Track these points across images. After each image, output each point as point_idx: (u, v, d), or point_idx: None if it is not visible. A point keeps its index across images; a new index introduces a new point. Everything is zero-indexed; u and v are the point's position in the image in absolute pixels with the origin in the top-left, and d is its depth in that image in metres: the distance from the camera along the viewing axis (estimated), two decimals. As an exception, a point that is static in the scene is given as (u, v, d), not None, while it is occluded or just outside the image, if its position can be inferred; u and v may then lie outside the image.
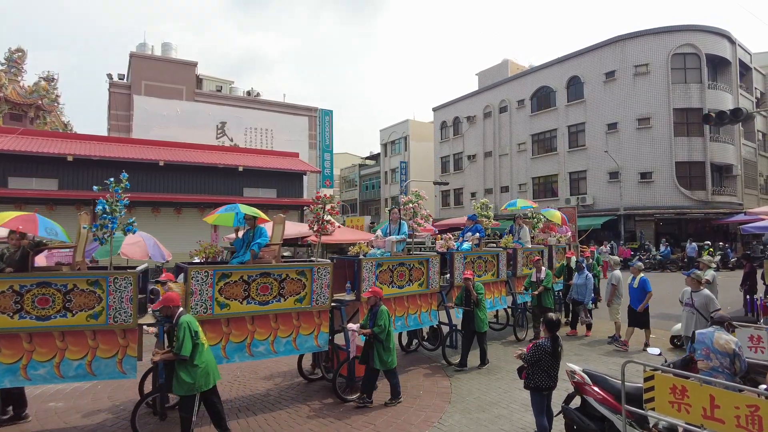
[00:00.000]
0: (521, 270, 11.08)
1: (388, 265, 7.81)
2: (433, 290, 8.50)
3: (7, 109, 30.09)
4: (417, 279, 8.23)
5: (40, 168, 22.60)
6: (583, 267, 10.77)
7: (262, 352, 6.38)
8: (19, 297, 5.22)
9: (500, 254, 10.25)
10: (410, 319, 8.19)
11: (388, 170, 54.12)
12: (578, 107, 34.17)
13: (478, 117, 42.99)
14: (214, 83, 44.06)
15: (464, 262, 9.34)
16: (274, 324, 6.48)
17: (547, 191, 36.52)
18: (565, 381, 5.48)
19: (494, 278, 10.11)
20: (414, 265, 8.20)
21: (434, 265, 8.49)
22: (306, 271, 6.70)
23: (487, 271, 9.95)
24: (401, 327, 8.17)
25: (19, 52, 32.65)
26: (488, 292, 9.75)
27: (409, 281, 8.09)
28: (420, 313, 8.34)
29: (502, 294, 10.45)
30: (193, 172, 25.64)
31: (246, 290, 6.21)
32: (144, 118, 36.62)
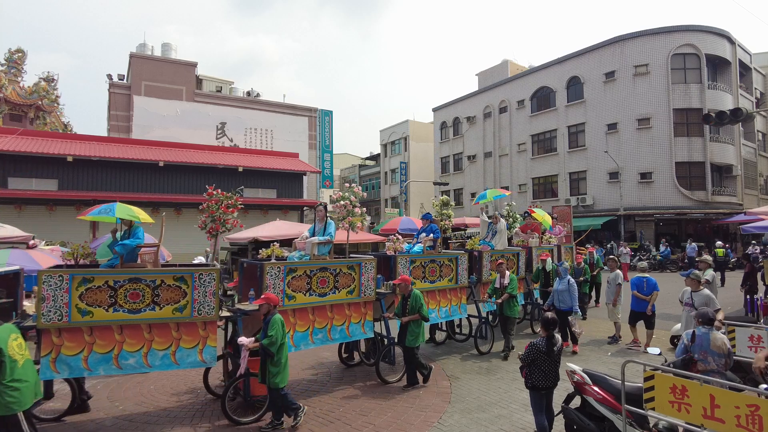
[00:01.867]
0: (489, 275, 10.03)
1: (305, 270, 6.92)
2: (368, 298, 7.59)
3: (7, 110, 30.10)
4: (345, 286, 7.32)
5: (40, 168, 22.61)
6: (561, 273, 9.60)
7: (132, 365, 5.68)
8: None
9: (459, 257, 9.29)
10: (335, 331, 7.23)
11: (388, 171, 54.13)
12: (578, 107, 34.18)
13: (478, 117, 43.01)
14: (213, 84, 44.05)
15: (410, 267, 8.41)
16: (147, 335, 5.77)
17: (547, 192, 36.53)
18: (565, 381, 5.48)
19: (452, 284, 9.12)
20: (341, 270, 7.31)
21: (369, 270, 7.60)
22: (186, 277, 5.95)
23: (443, 276, 8.97)
24: (321, 340, 7.09)
25: (19, 52, 32.68)
26: (444, 300, 9.00)
27: (334, 288, 7.20)
28: (349, 324, 7.41)
29: (462, 302, 9.40)
30: (193, 173, 25.65)
31: (113, 297, 5.61)
32: (144, 119, 36.63)
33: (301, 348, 6.85)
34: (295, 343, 6.73)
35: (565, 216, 16.16)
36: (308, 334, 6.92)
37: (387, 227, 20.68)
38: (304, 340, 6.88)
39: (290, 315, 6.72)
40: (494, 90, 41.75)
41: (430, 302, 8.50)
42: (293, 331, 6.74)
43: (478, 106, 43.01)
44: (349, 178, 62.10)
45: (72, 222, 22.86)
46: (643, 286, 9.51)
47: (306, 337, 6.89)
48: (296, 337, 6.77)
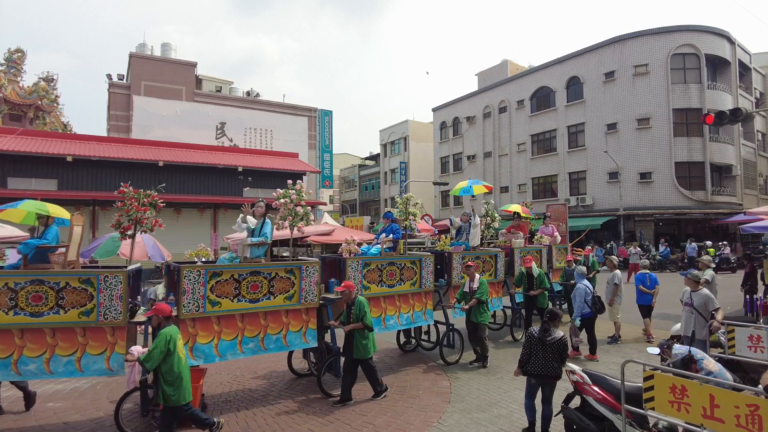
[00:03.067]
0: (461, 278, 9.23)
1: (232, 275, 6.37)
2: (310, 305, 6.94)
3: (7, 110, 30.08)
4: (282, 291, 6.71)
5: (40, 168, 22.58)
6: (575, 277, 9.40)
7: (33, 371, 5.45)
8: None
9: (424, 259, 8.54)
10: (270, 340, 6.61)
11: (387, 170, 54.15)
12: (578, 107, 34.19)
13: (477, 117, 43.01)
14: (213, 84, 44.04)
15: (363, 270, 7.74)
16: (50, 339, 5.49)
17: (546, 192, 36.54)
18: (565, 381, 5.47)
19: (415, 288, 8.41)
20: (278, 274, 6.70)
21: (312, 274, 6.98)
22: (92, 279, 5.59)
23: (404, 280, 8.28)
24: (252, 350, 6.50)
25: (18, 52, 32.65)
26: (406, 305, 8.31)
27: (269, 294, 6.60)
28: (287, 333, 6.77)
29: (428, 307, 8.63)
30: (193, 173, 25.64)
31: (13, 299, 5.35)
32: (143, 119, 36.61)
33: (227, 358, 6.33)
34: (221, 352, 6.21)
35: (560, 215, 15.29)
36: (236, 342, 6.35)
37: (386, 227, 20.67)
38: (231, 349, 6.30)
39: (214, 323, 6.20)
40: (494, 90, 41.76)
41: (388, 308, 7.97)
42: (218, 339, 6.22)
43: (478, 106, 43.02)
44: (350, 178, 62.10)
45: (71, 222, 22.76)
46: (647, 282, 10.43)
47: (234, 346, 6.33)
48: (221, 346, 6.23)
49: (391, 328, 8.18)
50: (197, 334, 6.08)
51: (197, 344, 6.06)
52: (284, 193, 7.26)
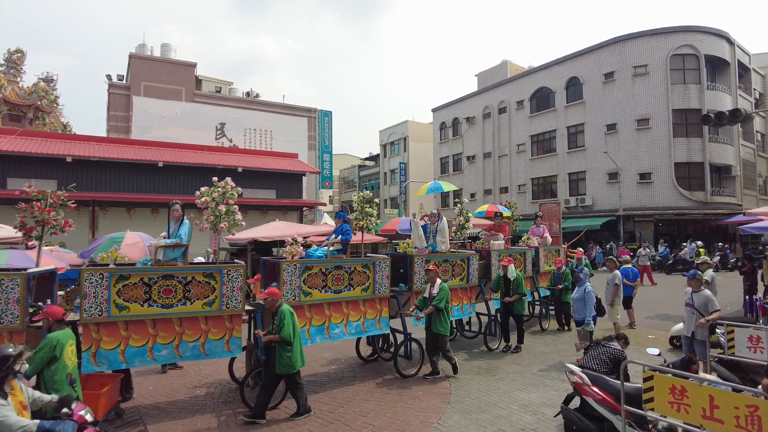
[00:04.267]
0: (419, 284, 8.51)
1: (142, 278, 5.97)
2: (234, 311, 6.44)
3: (6, 110, 30.09)
4: (201, 296, 6.24)
5: (39, 169, 22.57)
6: (581, 278, 8.92)
7: None
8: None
9: (378, 262, 7.90)
10: (185, 347, 6.17)
11: (387, 171, 54.16)
12: (577, 108, 34.21)
13: (477, 118, 43.04)
14: (213, 84, 44.04)
15: (302, 275, 7.12)
16: None
17: (546, 192, 36.56)
18: (565, 381, 5.49)
19: (367, 294, 7.77)
20: (195, 278, 6.24)
21: (234, 279, 6.44)
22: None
23: (354, 285, 7.64)
24: (166, 358, 6.13)
25: (18, 53, 32.65)
26: (356, 312, 7.68)
27: (184, 300, 6.16)
28: (205, 341, 6.30)
29: (383, 315, 7.98)
30: (193, 173, 25.62)
31: None
32: (143, 119, 36.61)
33: (136, 365, 6.04)
34: (128, 358, 5.88)
35: (553, 214, 14.37)
36: (147, 349, 5.97)
37: (386, 228, 20.67)
38: (140, 356, 5.95)
39: (121, 328, 5.87)
40: (493, 90, 41.78)
41: (333, 315, 7.41)
42: (125, 345, 5.89)
43: (478, 107, 43.05)
44: (349, 179, 62.11)
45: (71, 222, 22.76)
46: (630, 275, 11.53)
47: (144, 353, 5.96)
48: (129, 352, 5.88)
49: (337, 337, 7.52)
50: (101, 339, 5.74)
51: (101, 350, 5.72)
52: (207, 191, 6.73)
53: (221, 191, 6.71)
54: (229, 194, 6.80)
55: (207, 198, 6.66)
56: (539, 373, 8.05)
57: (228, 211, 6.73)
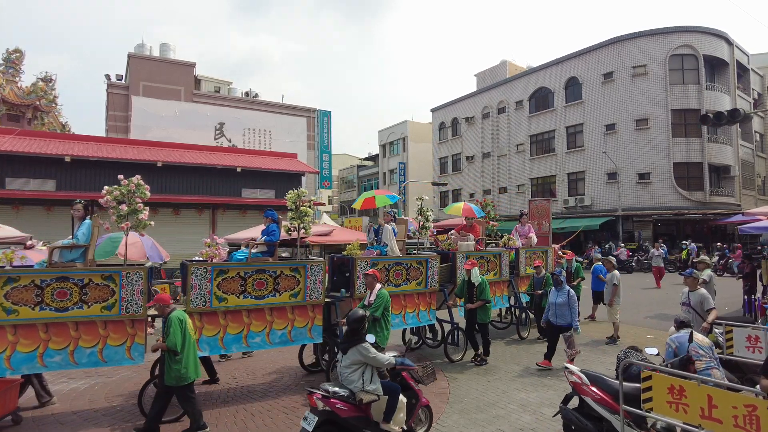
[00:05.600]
0: (362, 289, 7.70)
1: (33, 280, 5.69)
2: (135, 316, 6.07)
3: (5, 110, 30.04)
4: (99, 299, 5.92)
5: (38, 168, 22.53)
6: (561, 282, 8.54)
7: None
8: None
9: (310, 266, 7.28)
10: (81, 353, 5.88)
11: (386, 171, 54.17)
12: (576, 108, 34.24)
13: (476, 118, 43.06)
14: (212, 84, 44.02)
15: (214, 279, 6.58)
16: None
17: (545, 192, 36.58)
18: (563, 381, 5.49)
19: (296, 301, 7.21)
20: (92, 280, 5.91)
21: (134, 282, 6.08)
22: None
23: (281, 290, 7.06)
24: (59, 365, 5.82)
25: (17, 52, 32.59)
26: (282, 320, 7.10)
27: (80, 303, 5.84)
28: (104, 347, 5.96)
29: (315, 323, 7.41)
30: (192, 173, 25.60)
31: None
32: (142, 119, 36.58)
33: (24, 371, 5.77)
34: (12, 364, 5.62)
35: (543, 213, 13.44)
36: (36, 355, 5.70)
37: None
38: (29, 362, 5.69)
39: (9, 332, 5.61)
40: (493, 90, 41.81)
41: (254, 323, 6.84)
42: (11, 350, 5.63)
43: (477, 107, 43.07)
44: (348, 179, 62.07)
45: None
46: (603, 271, 11.50)
47: (33, 358, 5.70)
48: (15, 358, 5.65)
49: (257, 346, 7.01)
50: None
51: None
52: (109, 190, 6.41)
53: (124, 190, 6.41)
54: (141, 192, 6.56)
55: (109, 197, 6.36)
56: (538, 373, 8.06)
57: (132, 211, 6.43)
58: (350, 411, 4.85)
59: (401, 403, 5.21)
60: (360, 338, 5.12)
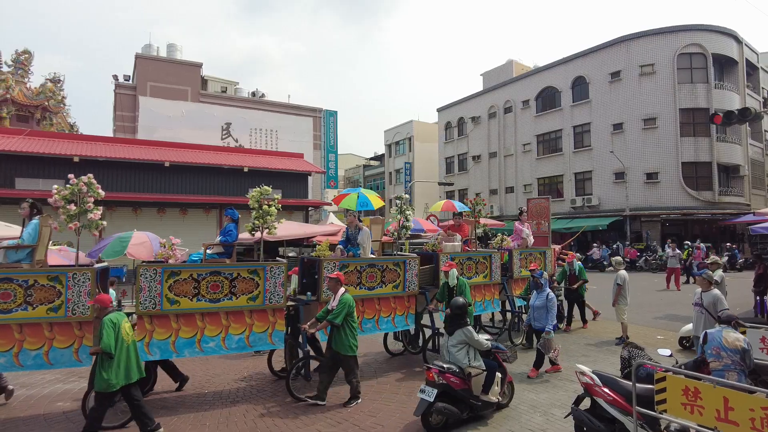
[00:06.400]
0: (328, 292, 7.13)
1: None
2: (82, 318, 5.98)
3: (14, 111, 30.25)
4: (44, 301, 5.85)
5: (47, 169, 22.68)
6: (542, 284, 8.23)
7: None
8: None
9: (270, 268, 6.93)
10: (26, 355, 5.83)
11: (392, 171, 54.14)
12: (583, 107, 34.07)
13: (482, 117, 42.96)
14: (219, 84, 44.16)
15: (165, 281, 6.34)
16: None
17: (552, 192, 36.43)
18: (575, 382, 5.45)
19: (254, 304, 6.83)
20: (36, 282, 5.85)
21: (82, 285, 5.99)
22: None
23: (238, 293, 6.74)
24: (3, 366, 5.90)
25: (25, 54, 32.81)
26: (239, 324, 6.76)
27: (25, 304, 5.79)
28: (48, 350, 5.91)
29: (277, 328, 7.04)
30: (199, 173, 25.70)
31: None
32: (149, 119, 36.73)
33: None
34: None
35: (542, 211, 12.63)
36: None
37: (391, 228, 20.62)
38: None
39: None
40: (499, 90, 41.69)
41: (208, 327, 6.56)
42: None
43: (483, 106, 42.97)
44: (354, 178, 62.09)
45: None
46: None
47: None
48: None
49: (212, 351, 6.68)
50: None
51: None
52: (57, 190, 6.38)
53: (75, 189, 6.32)
54: (93, 192, 6.49)
55: (57, 197, 6.29)
56: (547, 374, 8.00)
57: (81, 211, 6.38)
58: (460, 384, 5.78)
59: (497, 377, 6.14)
60: (464, 322, 6.07)
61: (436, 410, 5.57)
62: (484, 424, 6.02)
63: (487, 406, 6.02)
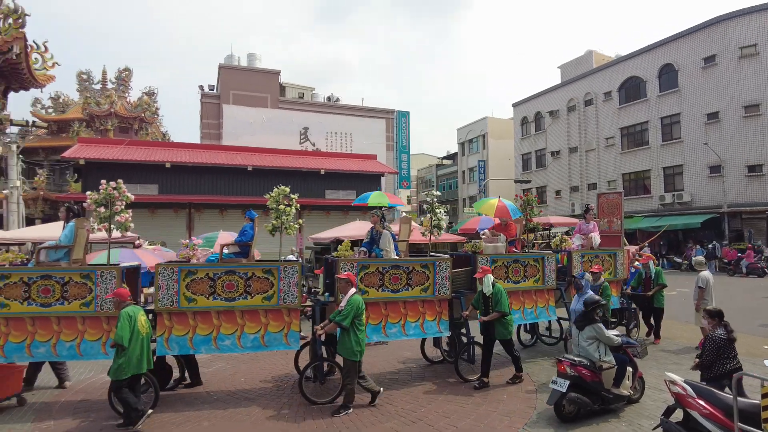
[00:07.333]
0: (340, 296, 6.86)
1: (22, 278, 6.38)
2: (109, 313, 6.49)
3: (117, 123, 33.28)
4: (78, 297, 6.45)
5: (144, 174, 24.71)
6: (582, 286, 7.55)
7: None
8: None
9: (282, 268, 6.97)
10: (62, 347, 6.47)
11: (465, 169, 53.39)
12: (672, 97, 31.68)
13: (561, 111, 41.23)
14: (296, 90, 45.85)
15: (181, 280, 6.68)
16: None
17: (638, 188, 34.23)
18: (660, 391, 5.10)
19: (268, 304, 6.91)
20: (71, 279, 6.47)
21: (109, 282, 6.50)
22: None
23: (252, 293, 6.85)
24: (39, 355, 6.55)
25: (126, 71, 36.01)
26: (254, 323, 6.88)
27: (62, 299, 6.44)
28: (80, 342, 6.50)
29: (292, 328, 7.04)
30: (279, 176, 26.75)
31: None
32: (233, 126, 38.88)
33: None
34: None
35: (614, 208, 10.94)
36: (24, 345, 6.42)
37: (466, 227, 20.41)
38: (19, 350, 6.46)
39: (2, 324, 6.40)
40: (578, 82, 39.81)
41: (224, 325, 6.75)
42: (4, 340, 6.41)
43: (562, 100, 41.23)
44: (427, 178, 61.90)
45: (171, 223, 24.70)
46: None
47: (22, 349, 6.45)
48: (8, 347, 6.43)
49: (227, 349, 6.81)
50: None
51: None
52: (91, 195, 6.85)
53: (104, 194, 6.75)
54: (123, 197, 6.89)
55: (90, 201, 6.79)
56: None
57: (111, 213, 6.79)
58: (592, 376, 6.04)
59: (628, 372, 6.33)
60: (595, 319, 6.33)
61: (568, 400, 5.91)
62: (615, 416, 6.09)
63: (618, 399, 6.23)
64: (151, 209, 24.43)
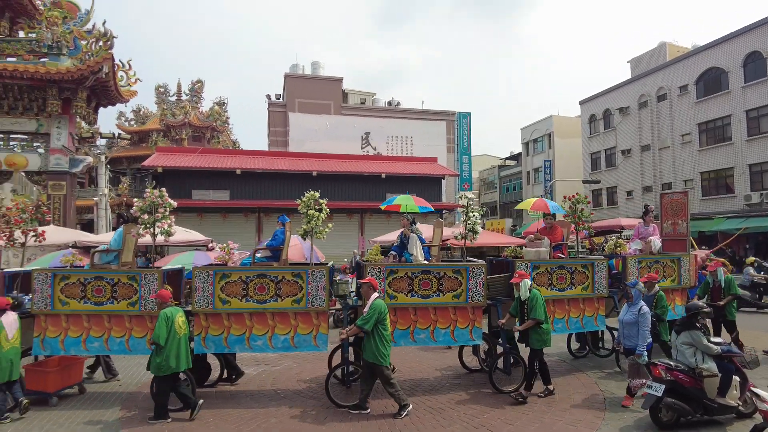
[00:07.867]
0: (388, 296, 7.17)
1: (79, 279, 7.08)
2: (152, 312, 7.00)
3: (191, 132, 35.42)
4: (125, 297, 7.07)
5: (216, 181, 26.09)
6: (632, 295, 6.95)
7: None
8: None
9: (311, 272, 7.08)
10: (113, 342, 7.15)
11: (530, 170, 51.99)
12: (760, 88, 29.27)
13: (632, 107, 39.25)
14: (358, 96, 46.69)
15: (217, 283, 7.01)
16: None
17: (719, 188, 31.90)
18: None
19: (299, 307, 7.06)
20: (120, 280, 7.07)
21: (151, 284, 6.99)
22: None
23: (283, 296, 7.06)
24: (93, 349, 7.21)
25: (198, 83, 38.24)
26: (285, 325, 7.08)
27: (112, 299, 7.07)
28: (128, 339, 7.07)
29: (321, 331, 7.14)
30: (342, 181, 27.49)
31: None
32: (298, 133, 40.19)
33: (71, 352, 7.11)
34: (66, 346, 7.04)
35: (679, 208, 9.73)
36: (81, 340, 7.02)
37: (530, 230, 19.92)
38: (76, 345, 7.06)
39: (63, 320, 7.02)
40: (650, 76, 37.73)
41: (256, 326, 7.00)
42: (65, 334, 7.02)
43: (632, 96, 39.24)
44: (489, 180, 60.95)
45: (241, 227, 25.87)
46: None
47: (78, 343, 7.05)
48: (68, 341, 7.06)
49: (259, 349, 7.12)
50: (47, 329, 7.02)
51: (47, 338, 7.00)
52: (138, 202, 7.31)
53: (148, 201, 7.17)
54: (167, 204, 7.28)
55: (135, 208, 7.25)
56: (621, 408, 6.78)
57: (153, 220, 7.21)
58: (691, 382, 5.79)
59: (735, 381, 5.94)
60: (695, 326, 6.06)
61: (665, 405, 5.67)
62: (720, 428, 5.76)
63: (725, 410, 5.84)
64: (223, 214, 25.75)
